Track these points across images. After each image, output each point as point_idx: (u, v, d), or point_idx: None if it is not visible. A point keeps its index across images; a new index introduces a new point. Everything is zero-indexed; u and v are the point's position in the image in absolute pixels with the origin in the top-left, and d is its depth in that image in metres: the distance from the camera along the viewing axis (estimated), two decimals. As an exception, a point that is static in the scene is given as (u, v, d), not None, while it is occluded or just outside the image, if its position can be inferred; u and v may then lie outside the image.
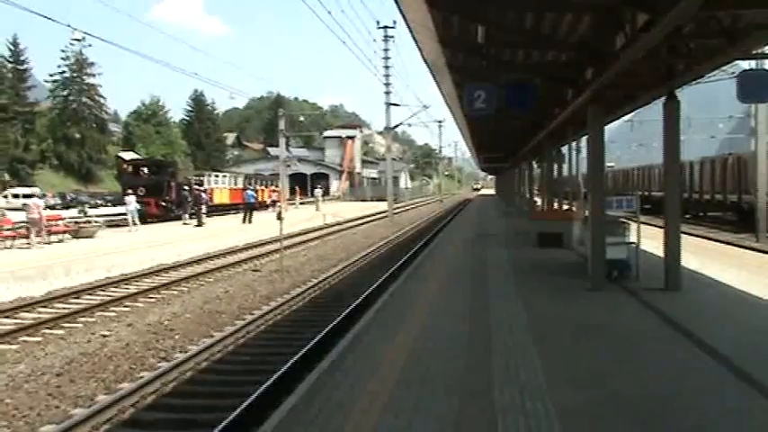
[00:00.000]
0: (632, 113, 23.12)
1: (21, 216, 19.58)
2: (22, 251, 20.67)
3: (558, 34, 12.87)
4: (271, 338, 11.19)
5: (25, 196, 26.37)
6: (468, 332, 8.36)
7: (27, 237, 21.69)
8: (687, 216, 32.02)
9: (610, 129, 15.63)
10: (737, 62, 13.58)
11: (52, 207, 24.10)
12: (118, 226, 29.52)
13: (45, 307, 13.30)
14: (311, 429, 5.18)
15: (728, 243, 22.17)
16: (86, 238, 23.79)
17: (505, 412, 5.44)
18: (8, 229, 21.98)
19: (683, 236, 12.00)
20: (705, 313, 9.66)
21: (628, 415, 5.39)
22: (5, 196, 23.70)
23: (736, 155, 31.43)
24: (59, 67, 76.77)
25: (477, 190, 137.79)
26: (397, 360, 7.05)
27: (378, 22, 39.42)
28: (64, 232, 23.64)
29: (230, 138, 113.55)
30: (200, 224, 31.17)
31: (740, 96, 10.52)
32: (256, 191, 44.32)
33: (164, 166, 40.70)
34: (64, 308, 13.27)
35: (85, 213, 32.61)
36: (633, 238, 12.18)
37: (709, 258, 16.63)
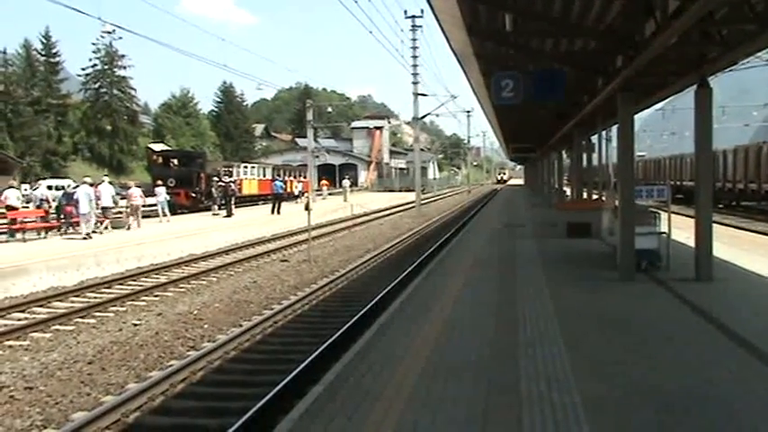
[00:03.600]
0: (664, 102, 22.74)
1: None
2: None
3: (586, 22, 12.69)
4: (298, 328, 11.26)
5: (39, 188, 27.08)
6: (495, 324, 8.31)
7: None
8: (719, 206, 31.50)
9: (641, 117, 15.46)
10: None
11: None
12: (148, 217, 29.83)
13: (77, 296, 13.57)
14: (339, 417, 5.21)
15: (762, 233, 21.71)
16: (117, 228, 24.08)
17: (531, 402, 5.41)
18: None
19: (715, 226, 11.81)
20: (737, 304, 9.49)
21: (655, 405, 5.31)
22: (36, 188, 24.06)
23: (772, 143, 30.80)
24: (90, 59, 77.81)
25: (504, 182, 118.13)
26: (422, 351, 7.05)
27: (405, 12, 39.42)
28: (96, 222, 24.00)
29: (259, 129, 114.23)
30: (229, 215, 31.35)
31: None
32: (285, 182, 44.45)
33: (193, 157, 40.96)
34: (95, 297, 13.52)
35: (116, 204, 32.90)
36: (664, 228, 12.02)
37: (742, 249, 16.34)
